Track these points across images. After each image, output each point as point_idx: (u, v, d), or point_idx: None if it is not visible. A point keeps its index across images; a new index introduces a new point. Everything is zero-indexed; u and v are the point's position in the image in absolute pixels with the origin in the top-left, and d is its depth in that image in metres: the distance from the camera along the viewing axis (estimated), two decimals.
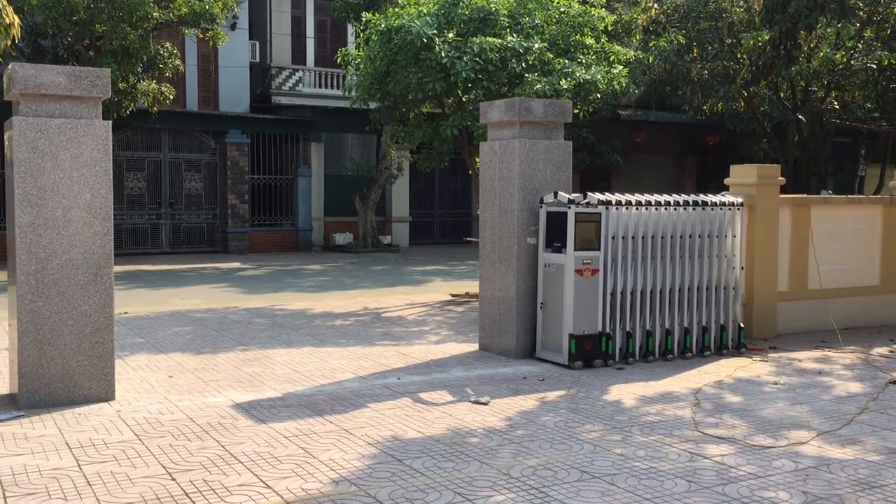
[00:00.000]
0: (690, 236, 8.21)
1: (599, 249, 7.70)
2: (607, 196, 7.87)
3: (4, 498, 4.44)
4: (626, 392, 6.84)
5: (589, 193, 7.82)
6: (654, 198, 8.12)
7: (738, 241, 8.53)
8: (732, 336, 8.52)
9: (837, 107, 18.11)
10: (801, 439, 5.55)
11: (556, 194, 7.90)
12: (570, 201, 7.71)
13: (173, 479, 4.69)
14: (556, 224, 7.80)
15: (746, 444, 5.44)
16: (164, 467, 4.90)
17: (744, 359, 8.26)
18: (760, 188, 9.26)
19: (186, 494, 4.47)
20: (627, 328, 7.98)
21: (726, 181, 9.60)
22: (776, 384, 7.21)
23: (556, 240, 7.80)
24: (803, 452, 5.28)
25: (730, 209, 8.47)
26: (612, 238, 7.80)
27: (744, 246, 8.68)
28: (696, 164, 29.16)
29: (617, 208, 7.82)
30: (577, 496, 4.48)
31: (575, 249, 7.63)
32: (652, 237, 8.03)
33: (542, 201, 8.02)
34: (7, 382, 6.84)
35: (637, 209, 7.94)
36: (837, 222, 10.06)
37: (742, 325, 8.63)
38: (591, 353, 7.73)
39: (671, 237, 8.12)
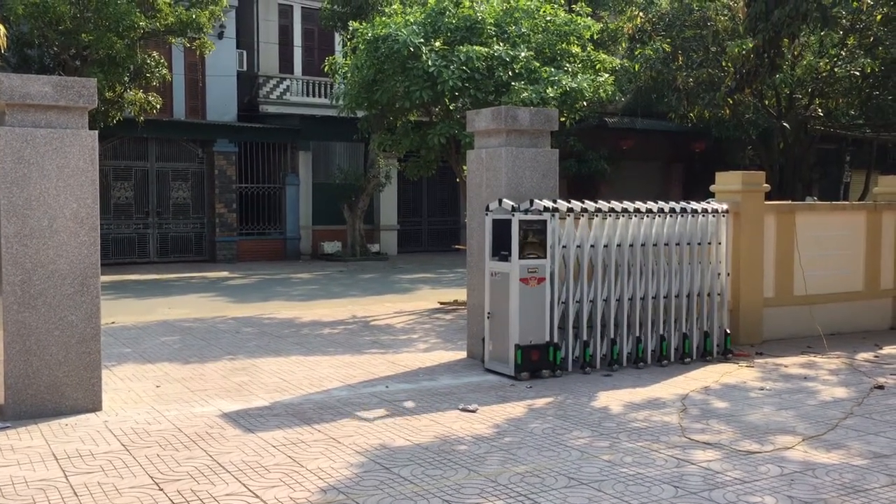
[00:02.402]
0: (655, 244, 8.14)
1: (546, 258, 7.53)
2: (559, 203, 7.76)
3: None
4: (614, 399, 6.86)
5: (535, 200, 7.69)
6: (617, 205, 7.99)
7: (723, 248, 8.57)
8: (718, 342, 8.56)
9: (821, 114, 18.25)
10: (787, 444, 5.59)
11: (500, 201, 7.72)
12: (514, 209, 7.53)
13: (161, 490, 4.69)
14: (502, 232, 7.58)
15: (733, 449, 5.47)
16: (151, 477, 4.89)
17: (730, 364, 8.31)
18: (746, 195, 9.33)
19: None
20: (585, 337, 7.86)
21: (712, 188, 9.66)
22: (762, 390, 7.26)
23: (502, 248, 7.58)
24: (789, 457, 5.32)
25: (713, 216, 8.52)
26: (564, 246, 7.71)
27: (729, 252, 8.73)
28: (683, 170, 29.28)
29: (569, 215, 7.73)
30: (564, 503, 4.50)
31: (520, 258, 7.41)
32: (618, 245, 7.94)
33: (487, 209, 7.86)
34: None
35: (595, 217, 7.83)
36: (822, 228, 10.13)
37: (728, 331, 8.68)
38: (538, 363, 7.52)
39: (641, 245, 8.04)
